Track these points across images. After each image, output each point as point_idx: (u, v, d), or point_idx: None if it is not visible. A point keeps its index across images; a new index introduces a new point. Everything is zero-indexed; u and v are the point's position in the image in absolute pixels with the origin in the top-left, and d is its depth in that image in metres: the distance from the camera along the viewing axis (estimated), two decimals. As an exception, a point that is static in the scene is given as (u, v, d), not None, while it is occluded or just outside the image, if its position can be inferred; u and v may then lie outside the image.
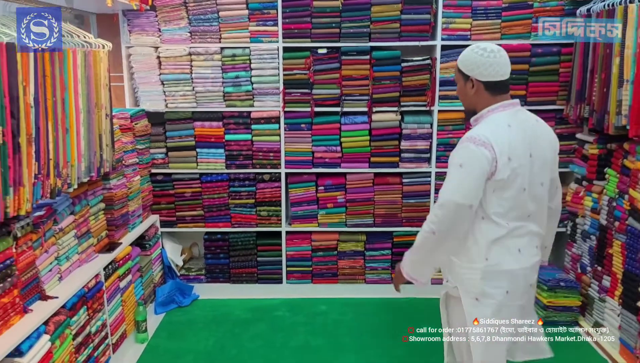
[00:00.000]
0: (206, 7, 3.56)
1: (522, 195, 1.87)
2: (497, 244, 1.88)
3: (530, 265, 1.93)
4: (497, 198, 1.86)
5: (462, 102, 2.08)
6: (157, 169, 3.80)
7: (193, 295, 3.85)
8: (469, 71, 1.99)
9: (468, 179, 1.84)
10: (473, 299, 1.93)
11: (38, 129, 2.16)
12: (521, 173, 1.85)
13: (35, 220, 2.32)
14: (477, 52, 1.98)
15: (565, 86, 3.62)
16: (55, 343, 2.27)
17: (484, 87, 1.95)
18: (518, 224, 1.89)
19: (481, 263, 1.89)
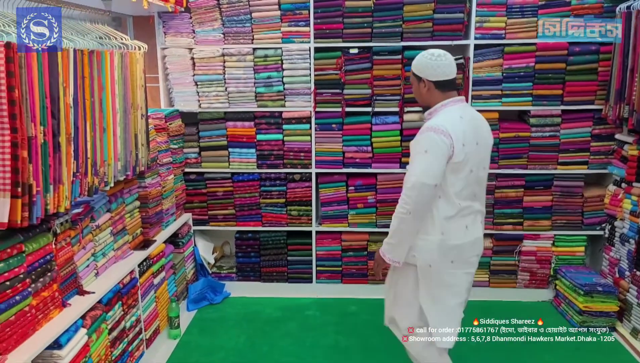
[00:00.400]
0: (239, 9, 3.61)
1: (470, 176, 2.22)
2: (450, 221, 2.22)
3: (474, 239, 2.31)
4: (454, 178, 2.18)
5: (418, 100, 2.41)
6: (190, 169, 3.87)
7: (224, 292, 3.90)
8: (421, 73, 2.30)
9: (434, 163, 2.14)
10: (427, 266, 2.26)
11: (77, 129, 2.23)
12: (471, 158, 2.19)
13: (73, 217, 2.39)
14: (426, 57, 2.28)
15: (604, 85, 3.52)
16: (92, 337, 2.34)
17: (434, 86, 2.27)
18: (466, 204, 2.24)
19: (437, 236, 2.22)
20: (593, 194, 3.69)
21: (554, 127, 3.63)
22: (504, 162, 3.69)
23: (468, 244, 2.30)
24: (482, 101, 3.63)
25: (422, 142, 2.19)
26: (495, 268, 3.83)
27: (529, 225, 3.75)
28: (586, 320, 3.33)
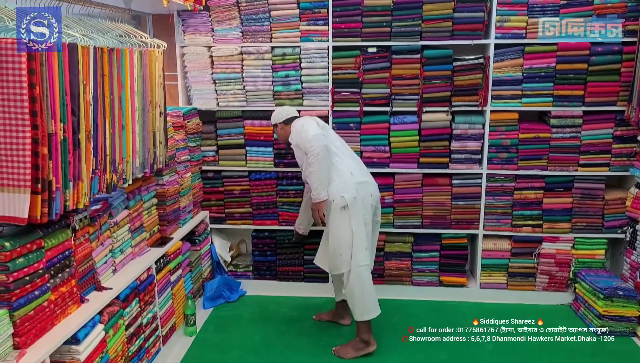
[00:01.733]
0: (258, 7, 3.61)
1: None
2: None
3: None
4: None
5: (282, 139, 3.35)
6: (208, 167, 3.89)
7: (240, 291, 3.92)
8: (275, 120, 3.34)
9: (312, 126, 3.09)
10: (340, 204, 2.99)
11: (96, 126, 2.24)
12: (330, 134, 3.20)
13: (92, 214, 2.42)
14: (280, 110, 3.35)
15: (626, 86, 3.45)
16: (109, 333, 2.36)
17: (284, 123, 3.30)
18: (343, 154, 3.17)
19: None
20: (614, 197, 3.62)
21: (574, 129, 3.57)
22: (524, 163, 3.64)
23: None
24: (502, 101, 3.58)
25: (296, 125, 3.16)
26: (514, 271, 3.78)
27: (548, 227, 3.69)
28: (606, 325, 3.27)
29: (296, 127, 3.13)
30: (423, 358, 3.07)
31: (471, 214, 3.74)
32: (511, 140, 3.62)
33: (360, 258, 2.98)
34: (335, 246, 3.03)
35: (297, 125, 3.15)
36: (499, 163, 3.66)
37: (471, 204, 3.73)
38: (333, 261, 3.07)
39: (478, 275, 3.81)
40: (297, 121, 3.19)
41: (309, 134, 3.00)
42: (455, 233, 3.79)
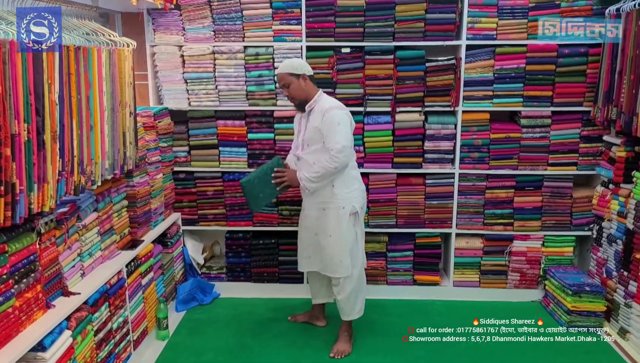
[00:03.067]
0: (230, 6, 3.58)
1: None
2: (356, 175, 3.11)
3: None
4: None
5: (297, 97, 2.99)
6: (180, 168, 3.83)
7: (214, 293, 3.87)
8: (299, 70, 2.95)
9: (347, 130, 2.90)
10: (351, 211, 3.00)
11: (63, 127, 2.19)
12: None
13: (59, 217, 2.35)
14: (294, 58, 3.22)
15: (592, 87, 3.53)
16: (77, 339, 2.30)
17: (309, 78, 2.98)
18: (354, 164, 3.11)
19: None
20: (582, 195, 3.71)
21: (544, 129, 3.64)
22: (495, 163, 3.69)
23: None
24: (474, 101, 3.63)
25: (335, 118, 2.87)
26: (486, 269, 3.83)
27: (519, 226, 3.76)
28: (574, 320, 3.34)
29: (332, 117, 2.86)
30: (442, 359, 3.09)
31: (444, 213, 3.78)
32: (482, 140, 3.67)
33: (363, 261, 3.18)
34: (336, 252, 3.02)
35: (334, 116, 2.87)
36: (470, 162, 3.71)
37: (444, 204, 3.77)
38: (331, 266, 3.06)
39: (451, 273, 3.86)
40: (335, 112, 2.88)
41: (341, 141, 2.84)
42: (428, 232, 3.82)
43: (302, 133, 3.06)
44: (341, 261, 3.01)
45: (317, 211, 3.07)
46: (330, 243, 3.02)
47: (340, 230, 3.00)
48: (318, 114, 2.94)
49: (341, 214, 2.99)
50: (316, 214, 3.07)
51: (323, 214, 3.04)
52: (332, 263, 3.05)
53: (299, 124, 3.13)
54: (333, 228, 3.01)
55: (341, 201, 2.99)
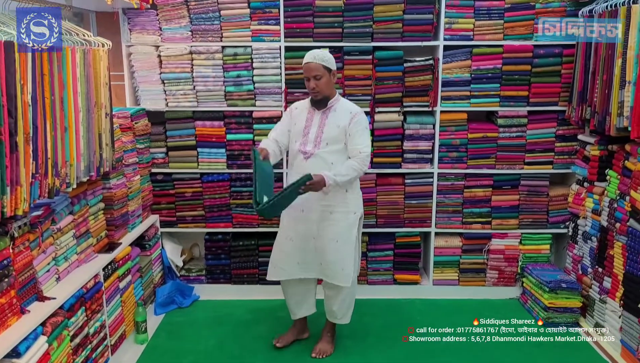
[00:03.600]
0: (207, 6, 3.55)
1: None
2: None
3: None
4: None
5: (324, 92, 2.84)
6: (158, 169, 3.79)
7: (193, 295, 3.83)
8: (332, 65, 2.85)
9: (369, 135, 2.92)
10: (359, 216, 2.99)
11: (36, 128, 2.14)
12: None
13: (32, 220, 2.31)
14: (324, 51, 2.91)
15: (567, 87, 3.60)
16: (52, 345, 2.26)
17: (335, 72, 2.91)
18: None
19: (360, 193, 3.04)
20: (557, 194, 3.77)
21: (520, 128, 3.69)
22: (473, 162, 3.74)
23: None
24: (452, 101, 3.67)
25: (364, 121, 2.86)
26: (465, 267, 3.87)
27: (497, 224, 3.81)
28: (551, 316, 3.39)
29: (362, 121, 2.84)
30: (423, 358, 3.08)
31: (423, 212, 3.81)
32: (460, 140, 3.71)
33: (358, 267, 3.12)
34: (340, 258, 2.91)
35: (363, 119, 2.85)
36: (449, 162, 3.74)
37: (423, 203, 3.80)
38: (331, 272, 2.94)
39: (431, 272, 3.89)
40: (363, 116, 2.87)
41: (369, 146, 2.85)
42: (408, 232, 3.84)
43: (316, 130, 2.87)
44: (343, 269, 2.91)
45: (320, 214, 2.89)
46: (336, 249, 2.89)
47: (349, 235, 2.92)
48: (344, 114, 2.85)
49: (351, 219, 2.92)
50: (319, 217, 2.90)
51: (329, 218, 2.89)
52: (333, 269, 2.92)
53: (306, 120, 2.92)
54: (341, 233, 2.90)
55: (352, 206, 2.92)
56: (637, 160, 2.90)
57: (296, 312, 3.20)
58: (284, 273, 3.05)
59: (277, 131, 3.03)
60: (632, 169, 2.95)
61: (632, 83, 2.81)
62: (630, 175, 2.96)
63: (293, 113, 3.01)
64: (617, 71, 2.95)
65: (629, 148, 2.99)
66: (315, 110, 2.92)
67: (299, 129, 2.93)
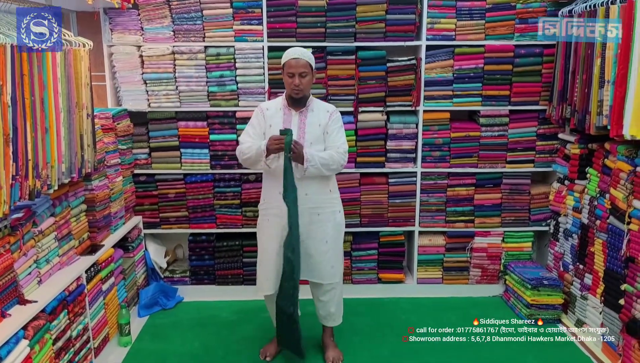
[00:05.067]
0: (190, 6, 3.53)
1: None
2: None
3: None
4: None
5: (305, 90, 2.78)
6: (140, 170, 3.75)
7: (177, 297, 3.81)
8: (314, 66, 2.81)
9: None
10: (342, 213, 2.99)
11: (16, 129, 2.11)
12: None
13: (13, 222, 2.27)
14: (307, 51, 2.81)
15: (547, 87, 3.65)
16: (34, 348, 2.22)
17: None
18: None
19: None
20: (539, 192, 3.82)
21: (502, 127, 3.74)
22: (456, 161, 3.77)
23: None
24: (434, 101, 3.69)
25: (340, 119, 2.88)
26: (448, 265, 3.90)
27: (479, 222, 3.85)
28: (534, 313, 3.44)
29: (339, 118, 2.87)
30: (410, 358, 3.08)
31: (407, 211, 3.83)
32: (443, 139, 3.74)
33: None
34: (331, 257, 2.90)
35: (339, 117, 2.88)
36: (432, 161, 3.77)
37: (407, 202, 3.82)
38: (322, 272, 2.90)
39: (415, 270, 3.91)
40: (339, 114, 2.90)
41: (346, 144, 2.86)
42: (392, 231, 3.86)
43: (297, 130, 2.78)
44: (332, 267, 2.91)
45: (309, 217, 2.81)
46: (326, 249, 2.87)
47: (338, 234, 2.95)
48: (322, 113, 2.84)
49: (337, 218, 2.93)
50: (307, 221, 2.81)
51: (317, 220, 2.85)
52: (323, 269, 2.89)
53: (283, 121, 2.81)
54: (330, 233, 2.88)
55: (336, 204, 2.94)
56: (616, 158, 2.96)
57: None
58: (271, 287, 2.91)
59: (251, 135, 2.86)
60: (611, 167, 3.00)
61: (611, 82, 2.86)
62: (610, 173, 3.01)
63: (266, 114, 2.85)
64: (596, 71, 3.00)
65: (609, 146, 3.05)
66: (292, 110, 2.83)
67: (276, 130, 2.75)
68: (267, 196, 2.92)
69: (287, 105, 2.85)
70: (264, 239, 2.97)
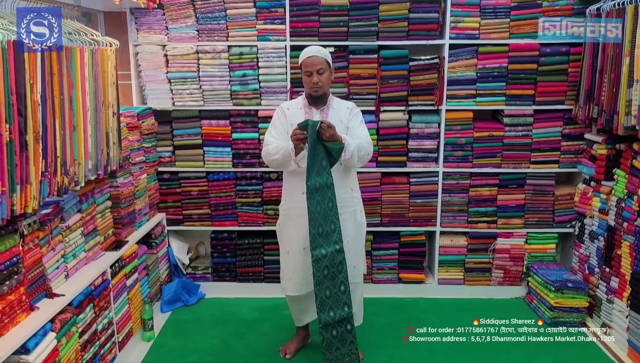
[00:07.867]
0: (214, 6, 3.56)
1: None
2: None
3: None
4: None
5: (324, 87, 2.76)
6: (164, 168, 3.81)
7: (199, 293, 3.85)
8: (331, 63, 2.82)
9: None
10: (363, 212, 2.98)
11: (45, 127, 2.16)
12: None
13: (42, 218, 2.33)
14: (324, 50, 2.81)
15: (574, 86, 3.59)
16: (61, 341, 2.28)
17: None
18: None
19: None
20: (563, 193, 3.76)
21: (526, 127, 3.69)
22: (478, 161, 3.73)
23: None
24: (457, 100, 3.66)
25: (360, 114, 2.89)
26: (470, 266, 3.87)
27: (502, 223, 3.80)
28: (557, 316, 3.39)
29: (359, 114, 2.87)
30: (426, 357, 3.08)
31: (428, 211, 3.81)
32: (466, 138, 3.71)
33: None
34: (352, 257, 2.81)
35: (360, 113, 2.88)
36: (454, 161, 3.74)
37: (428, 202, 3.80)
38: (350, 271, 2.72)
39: (436, 271, 3.89)
40: (358, 109, 2.90)
41: (368, 136, 2.81)
42: (413, 231, 3.85)
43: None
44: (355, 267, 2.86)
45: None
46: (347, 249, 2.72)
47: (359, 234, 2.93)
48: (342, 109, 2.84)
49: (358, 217, 2.91)
50: None
51: (350, 217, 2.86)
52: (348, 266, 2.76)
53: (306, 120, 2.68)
54: (351, 232, 2.84)
55: (357, 204, 2.92)
56: (644, 159, 2.90)
57: (302, 319, 3.10)
58: (303, 287, 2.89)
59: (275, 136, 2.84)
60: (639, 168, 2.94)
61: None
62: (638, 174, 2.95)
63: (287, 114, 2.85)
64: (625, 70, 2.94)
65: (637, 146, 2.99)
66: (313, 108, 2.82)
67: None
68: (289, 196, 2.90)
69: (307, 104, 2.85)
70: (286, 239, 2.96)
